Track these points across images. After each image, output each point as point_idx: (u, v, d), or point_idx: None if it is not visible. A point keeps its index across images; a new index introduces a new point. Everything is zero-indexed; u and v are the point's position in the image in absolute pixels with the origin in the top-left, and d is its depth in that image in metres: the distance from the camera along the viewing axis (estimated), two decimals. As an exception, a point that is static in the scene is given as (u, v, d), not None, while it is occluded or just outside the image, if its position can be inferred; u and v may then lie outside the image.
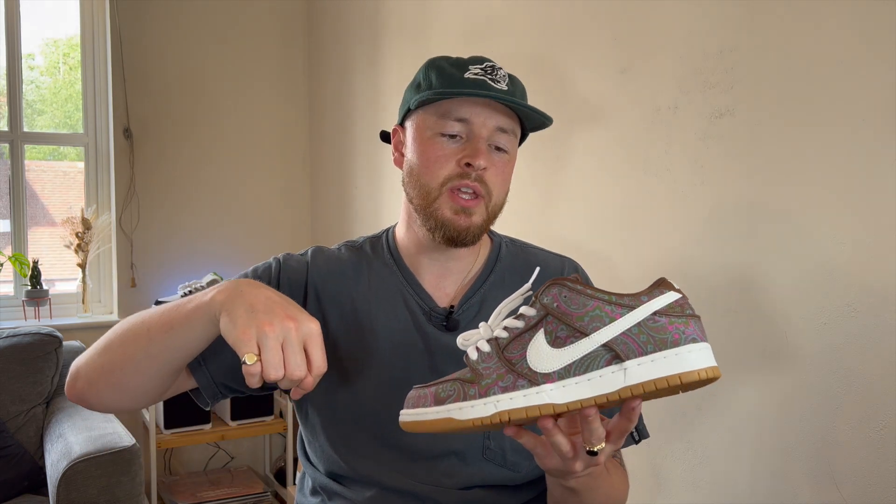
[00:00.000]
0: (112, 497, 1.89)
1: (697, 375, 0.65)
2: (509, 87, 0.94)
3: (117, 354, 0.87)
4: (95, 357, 0.89)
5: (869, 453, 1.13)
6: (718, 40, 1.33)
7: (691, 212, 1.40)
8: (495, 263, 1.03)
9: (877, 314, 1.11)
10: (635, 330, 0.67)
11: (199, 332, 0.82)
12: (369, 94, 2.57)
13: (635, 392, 0.66)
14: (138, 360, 0.86)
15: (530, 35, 1.79)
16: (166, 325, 0.84)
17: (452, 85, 0.93)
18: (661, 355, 0.66)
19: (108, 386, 0.89)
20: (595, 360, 0.68)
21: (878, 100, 1.09)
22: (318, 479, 1.03)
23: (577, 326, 0.69)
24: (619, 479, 0.97)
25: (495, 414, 0.70)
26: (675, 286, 0.70)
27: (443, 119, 0.93)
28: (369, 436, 0.95)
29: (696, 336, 0.67)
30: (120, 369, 0.87)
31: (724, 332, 1.34)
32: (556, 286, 0.72)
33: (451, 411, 0.71)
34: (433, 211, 0.93)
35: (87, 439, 1.97)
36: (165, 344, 0.84)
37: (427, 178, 0.94)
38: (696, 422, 1.40)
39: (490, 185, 0.93)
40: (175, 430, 2.56)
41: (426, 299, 0.99)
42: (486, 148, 0.92)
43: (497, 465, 0.95)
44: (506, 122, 0.94)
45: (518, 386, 0.70)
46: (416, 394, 0.75)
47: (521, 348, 0.72)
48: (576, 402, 0.68)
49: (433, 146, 0.93)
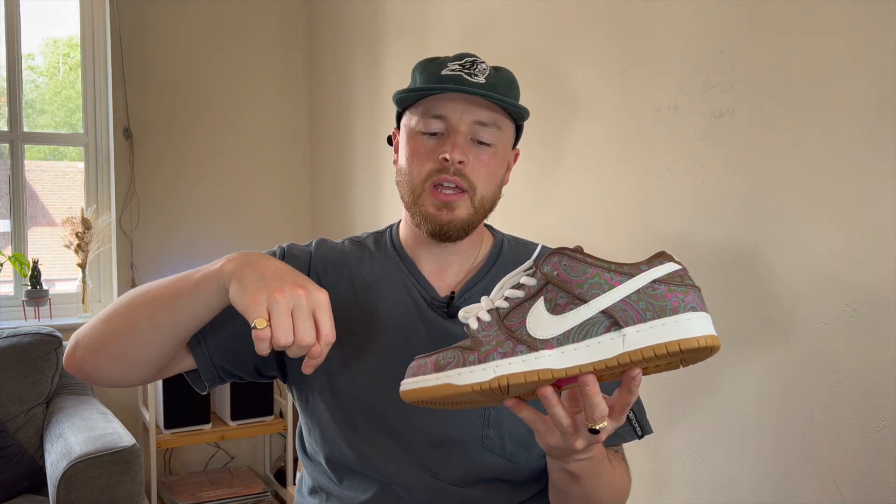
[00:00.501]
0: (112, 497, 1.89)
1: (697, 343, 0.65)
2: (489, 79, 0.95)
3: (121, 322, 0.87)
4: (98, 325, 0.89)
5: (869, 453, 1.13)
6: (718, 40, 1.33)
7: (691, 211, 1.40)
8: (497, 258, 1.04)
9: (877, 314, 1.11)
10: (634, 297, 0.68)
11: (207, 301, 0.82)
12: (369, 94, 2.57)
13: (634, 358, 0.66)
14: (142, 329, 0.86)
15: (530, 35, 1.79)
16: (173, 293, 0.84)
17: (430, 81, 0.95)
18: (660, 322, 0.66)
19: (108, 356, 0.89)
20: (594, 326, 0.68)
21: (878, 100, 1.09)
22: (317, 476, 1.03)
23: (576, 293, 0.69)
24: (621, 472, 0.97)
25: (494, 378, 0.70)
26: (676, 258, 0.70)
27: (423, 118, 0.95)
28: (368, 421, 0.96)
29: (695, 305, 0.67)
30: (122, 337, 0.87)
31: (723, 331, 1.33)
32: (557, 255, 0.72)
33: (450, 377, 0.71)
34: (419, 207, 0.96)
35: (87, 439, 1.97)
36: (171, 312, 0.84)
37: (411, 175, 0.96)
38: (696, 421, 1.40)
39: (472, 179, 0.94)
40: (175, 430, 2.56)
41: (427, 288, 1.00)
42: (463, 142, 0.94)
43: (496, 454, 0.95)
44: (485, 116, 0.94)
45: (517, 352, 0.70)
46: (416, 363, 0.76)
47: (521, 316, 0.72)
48: (574, 368, 0.68)
49: (416, 144, 0.96)
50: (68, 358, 0.92)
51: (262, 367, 1.01)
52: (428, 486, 0.94)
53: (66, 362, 0.92)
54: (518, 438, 0.95)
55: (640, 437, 0.99)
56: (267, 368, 1.01)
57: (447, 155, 0.92)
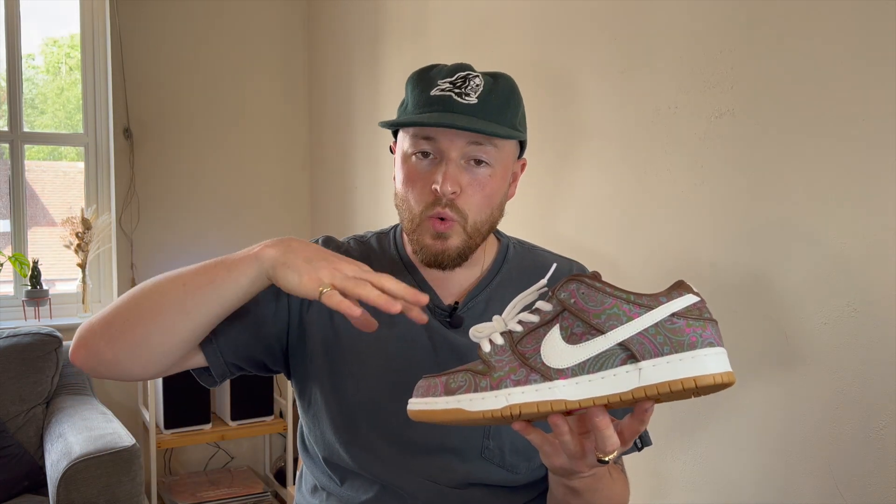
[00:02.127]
0: (112, 497, 1.89)
1: (713, 380, 0.65)
2: (482, 98, 0.90)
3: (148, 308, 0.85)
4: (119, 311, 0.86)
5: (869, 453, 1.13)
6: (718, 40, 1.33)
7: (691, 212, 1.40)
8: (502, 264, 1.03)
9: (877, 314, 1.11)
10: (652, 330, 0.67)
11: (244, 285, 0.82)
12: (369, 94, 2.57)
13: (649, 393, 0.65)
14: (170, 315, 0.84)
15: (530, 35, 1.79)
16: (206, 279, 0.83)
17: (419, 104, 0.92)
18: (678, 357, 0.65)
19: (128, 343, 0.85)
20: (610, 358, 0.67)
21: (878, 100, 1.09)
22: (318, 475, 1.03)
23: (593, 324, 0.69)
24: (620, 483, 0.97)
25: (506, 407, 0.69)
26: (694, 289, 0.69)
27: (414, 138, 0.92)
28: (369, 426, 0.95)
29: (713, 340, 0.66)
30: (148, 323, 0.84)
31: (724, 331, 1.33)
32: (575, 282, 0.71)
33: (461, 402, 0.71)
34: (416, 237, 0.94)
35: (87, 439, 1.97)
36: (204, 297, 0.83)
37: (409, 203, 0.94)
38: (697, 422, 1.40)
39: (464, 209, 0.91)
40: (175, 430, 2.56)
41: (432, 296, 0.99)
42: (455, 169, 0.90)
43: (495, 464, 0.95)
44: (478, 136, 0.90)
45: (531, 380, 0.69)
46: (425, 383, 0.75)
47: (535, 343, 0.71)
48: (588, 400, 0.67)
49: (409, 167, 0.93)
50: (77, 349, 0.88)
51: (271, 363, 1.00)
52: (428, 489, 0.94)
53: (74, 354, 0.89)
54: (518, 450, 0.95)
55: (639, 449, 0.98)
56: (274, 364, 1.01)
57: (437, 187, 0.89)
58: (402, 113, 0.96)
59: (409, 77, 0.97)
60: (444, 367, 0.90)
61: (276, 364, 1.01)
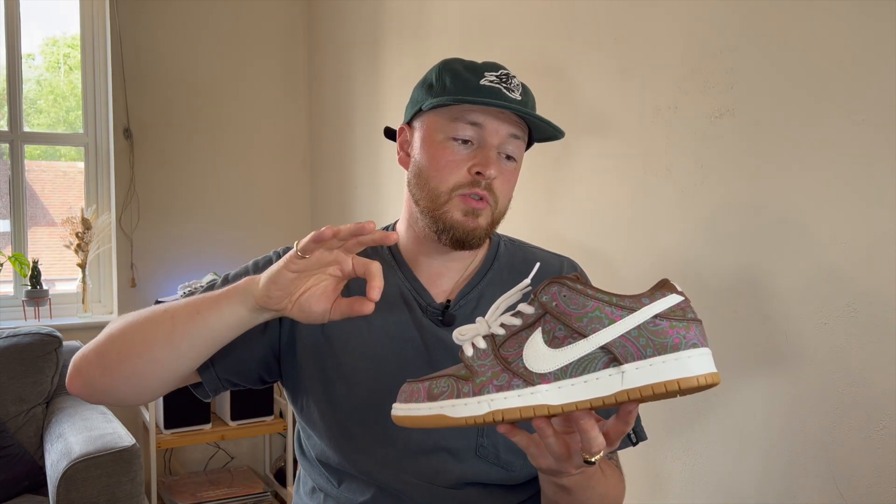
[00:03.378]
0: (112, 497, 1.89)
1: (696, 382, 0.64)
2: (523, 96, 0.94)
3: (138, 341, 0.85)
4: (109, 344, 0.87)
5: (869, 453, 1.13)
6: (718, 40, 1.33)
7: (691, 211, 1.40)
8: (493, 261, 1.03)
9: (877, 314, 1.11)
10: (635, 333, 0.66)
11: (229, 316, 0.82)
12: (369, 93, 2.57)
13: (632, 396, 0.65)
14: (159, 348, 0.84)
15: (530, 35, 1.79)
16: (192, 310, 0.83)
17: (468, 90, 0.92)
18: (661, 360, 0.65)
19: (122, 375, 0.86)
20: (592, 362, 0.67)
21: (878, 100, 1.09)
22: (315, 477, 1.03)
23: (575, 327, 0.68)
24: (614, 479, 0.96)
25: (489, 413, 0.69)
26: (678, 288, 0.69)
27: (455, 123, 0.93)
28: (364, 429, 0.95)
29: (696, 341, 0.66)
30: (137, 356, 0.85)
31: (724, 331, 1.34)
32: (556, 285, 0.71)
33: (443, 408, 0.71)
34: (441, 214, 0.93)
35: (87, 439, 1.97)
36: (191, 330, 0.83)
37: (436, 182, 0.93)
38: (696, 422, 1.40)
39: (498, 193, 0.94)
40: (175, 430, 2.56)
41: (423, 294, 0.99)
42: (496, 157, 0.93)
43: (490, 463, 0.95)
44: (517, 130, 0.94)
45: (513, 385, 0.69)
46: (408, 388, 0.74)
47: (517, 347, 0.71)
48: (571, 405, 0.67)
49: (444, 150, 0.93)
50: (73, 378, 0.89)
51: (266, 375, 1.00)
52: (424, 489, 0.95)
53: (71, 383, 0.89)
54: (512, 447, 0.95)
55: (634, 444, 0.98)
56: (270, 375, 1.01)
57: (482, 170, 0.91)
58: (440, 94, 0.94)
59: (444, 64, 0.97)
60: (436, 367, 0.90)
61: (273, 374, 1.01)
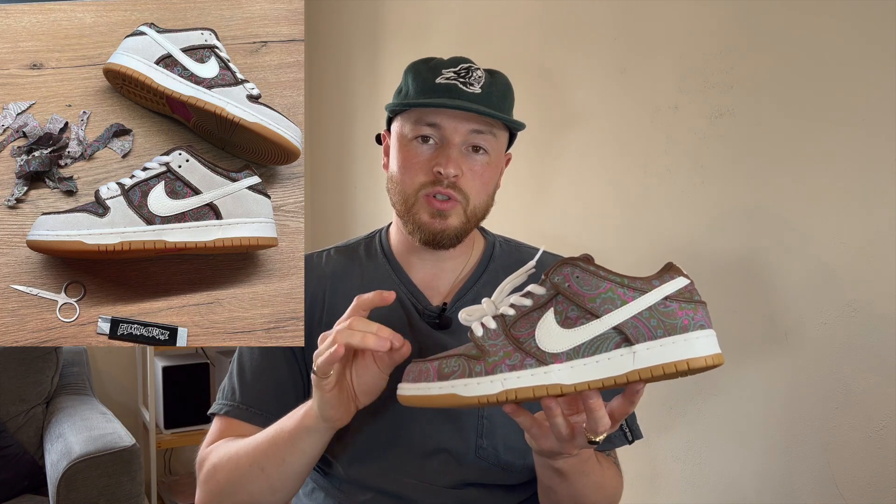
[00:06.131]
0: (112, 497, 1.89)
1: (704, 362, 0.67)
2: (485, 88, 0.93)
3: (241, 499, 0.90)
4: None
5: (869, 453, 1.13)
6: (718, 40, 1.33)
7: (691, 212, 1.40)
8: (489, 262, 1.03)
9: (877, 314, 1.11)
10: (646, 314, 0.68)
11: (311, 447, 0.87)
12: (369, 94, 2.57)
13: (643, 376, 0.67)
14: (265, 495, 0.90)
15: (530, 35, 1.79)
16: (278, 460, 0.88)
17: (424, 91, 0.94)
18: (671, 340, 0.67)
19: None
20: (605, 342, 0.68)
21: (878, 100, 1.10)
22: (315, 477, 1.03)
23: (588, 308, 0.69)
24: (611, 473, 0.96)
25: (502, 392, 0.70)
26: (684, 271, 0.70)
27: (416, 125, 0.94)
28: (362, 434, 0.95)
29: (703, 322, 0.68)
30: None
31: (723, 331, 1.33)
32: (569, 265, 0.72)
33: (455, 387, 0.71)
34: (412, 216, 0.95)
35: (87, 439, 1.97)
36: (286, 472, 0.88)
37: (403, 185, 0.95)
38: (696, 422, 1.40)
39: (466, 190, 0.94)
40: (175, 430, 2.56)
41: (419, 297, 1.00)
42: (457, 154, 0.93)
43: (490, 464, 0.95)
44: (480, 124, 0.94)
45: (526, 365, 0.70)
46: (415, 367, 0.75)
47: (529, 327, 0.72)
48: (583, 384, 0.68)
49: (408, 152, 0.95)
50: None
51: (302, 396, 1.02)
52: (424, 490, 0.94)
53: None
54: (512, 448, 0.95)
55: (630, 442, 0.98)
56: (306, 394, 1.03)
57: (441, 169, 0.91)
58: (402, 99, 0.97)
59: (409, 66, 1.00)
60: None
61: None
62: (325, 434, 0.86)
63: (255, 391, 0.97)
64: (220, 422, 0.99)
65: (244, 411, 0.96)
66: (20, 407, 2.24)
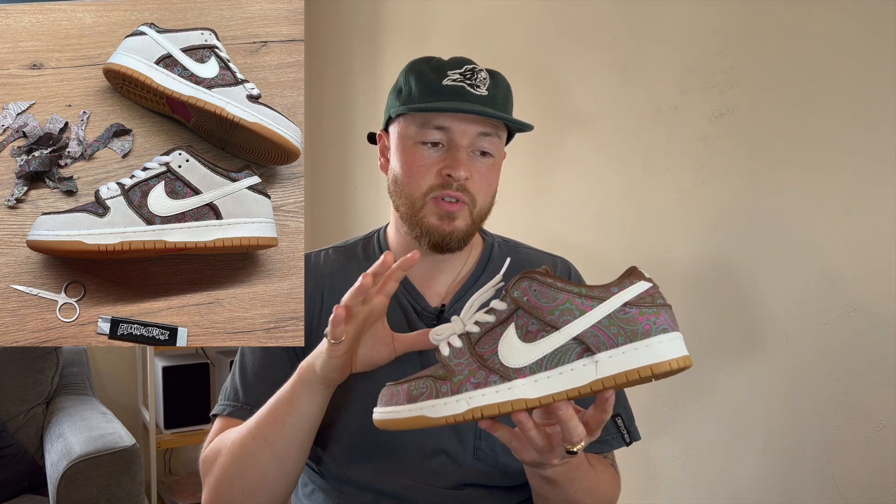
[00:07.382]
0: (112, 497, 1.89)
1: (669, 366, 0.66)
2: (490, 90, 0.93)
3: (251, 481, 0.90)
4: (226, 493, 0.91)
5: (869, 453, 1.13)
6: (718, 40, 1.33)
7: (691, 212, 1.40)
8: (487, 263, 1.03)
9: (877, 314, 1.11)
10: (606, 322, 0.68)
11: (310, 407, 0.87)
12: (369, 93, 2.57)
13: (607, 384, 0.67)
14: (273, 469, 0.89)
15: (530, 35, 1.79)
16: (278, 423, 0.88)
17: (430, 93, 0.93)
18: (632, 347, 0.67)
19: (255, 498, 0.91)
20: (566, 353, 0.68)
21: (878, 100, 1.10)
22: (313, 478, 1.03)
23: (547, 320, 0.69)
24: (605, 476, 0.96)
25: (468, 411, 0.70)
26: (646, 275, 0.70)
27: (423, 128, 0.93)
28: (360, 436, 0.95)
29: (666, 326, 0.67)
30: (261, 487, 0.90)
31: (723, 331, 1.34)
32: (526, 280, 0.72)
33: (423, 409, 0.71)
34: (419, 219, 0.94)
35: (87, 439, 1.97)
36: (287, 437, 0.88)
37: (410, 188, 0.94)
38: (696, 422, 1.40)
39: (474, 193, 0.94)
40: (175, 430, 2.56)
41: (417, 298, 0.99)
42: (466, 157, 0.92)
43: (488, 465, 0.95)
44: (488, 126, 0.93)
45: (490, 382, 0.70)
46: (388, 391, 0.75)
47: (492, 343, 0.72)
48: (548, 397, 0.68)
49: (415, 155, 0.94)
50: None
51: None
52: (424, 491, 0.94)
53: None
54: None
55: (627, 444, 0.98)
56: None
57: (451, 172, 0.91)
58: (406, 100, 0.96)
59: (410, 66, 0.98)
60: None
61: None
62: (319, 394, 0.86)
63: (258, 391, 0.97)
64: (222, 422, 0.99)
65: (248, 411, 0.96)
66: (20, 407, 2.24)
